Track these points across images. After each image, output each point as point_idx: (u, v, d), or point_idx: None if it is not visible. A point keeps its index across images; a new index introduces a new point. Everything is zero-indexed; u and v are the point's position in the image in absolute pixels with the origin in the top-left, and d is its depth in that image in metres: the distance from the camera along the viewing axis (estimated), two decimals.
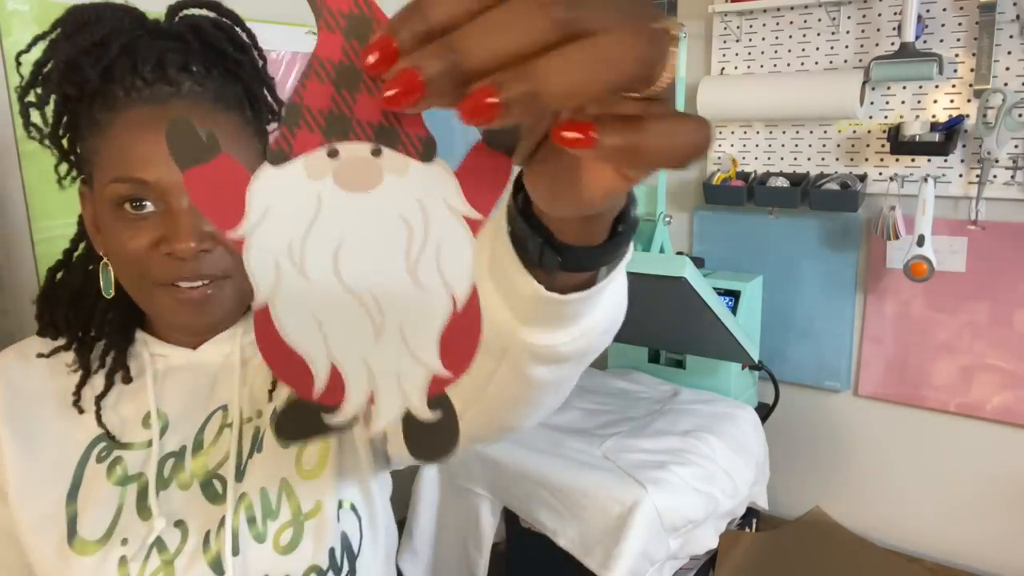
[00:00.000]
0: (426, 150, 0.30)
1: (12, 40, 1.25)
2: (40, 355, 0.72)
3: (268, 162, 0.29)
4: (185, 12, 0.69)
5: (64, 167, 0.71)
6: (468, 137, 0.34)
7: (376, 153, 0.29)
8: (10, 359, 0.73)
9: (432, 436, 0.32)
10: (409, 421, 0.31)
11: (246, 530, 0.67)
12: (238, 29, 0.70)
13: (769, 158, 1.83)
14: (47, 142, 0.68)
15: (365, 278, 0.30)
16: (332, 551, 0.69)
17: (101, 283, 0.69)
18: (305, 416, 0.31)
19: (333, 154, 0.29)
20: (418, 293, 0.30)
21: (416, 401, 0.31)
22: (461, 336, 0.31)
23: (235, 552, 0.66)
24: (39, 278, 1.31)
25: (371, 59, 0.26)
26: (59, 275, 0.75)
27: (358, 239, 0.29)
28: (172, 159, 0.28)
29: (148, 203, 0.63)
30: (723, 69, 1.85)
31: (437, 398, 0.31)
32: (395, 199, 0.29)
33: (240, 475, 0.68)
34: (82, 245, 0.75)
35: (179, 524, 0.67)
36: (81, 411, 0.70)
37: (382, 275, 0.30)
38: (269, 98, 0.74)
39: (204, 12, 0.69)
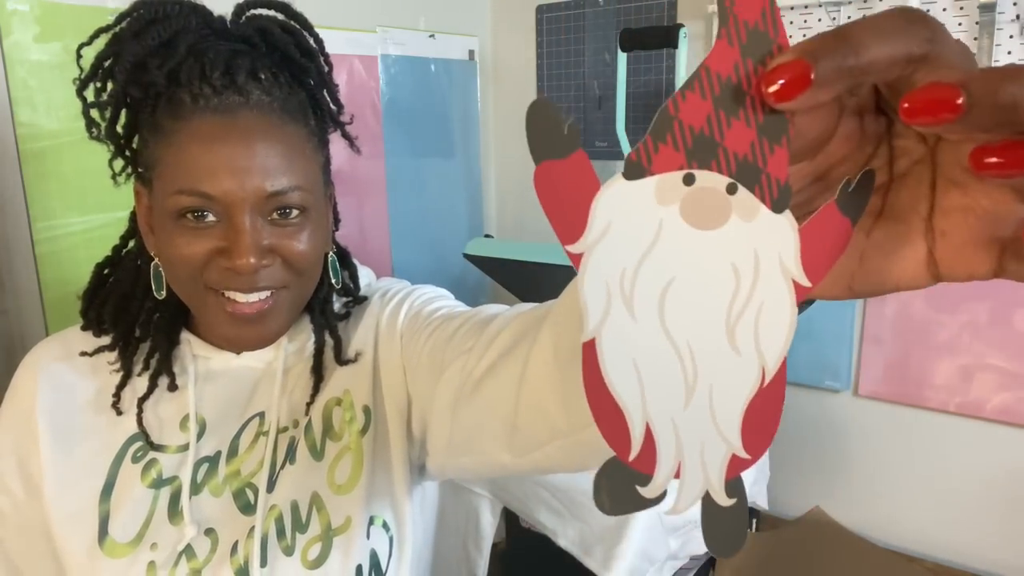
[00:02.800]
0: (781, 198, 0.27)
1: (12, 40, 1.24)
2: (83, 353, 0.70)
3: (623, 175, 0.26)
4: (252, 12, 0.67)
5: (120, 163, 0.69)
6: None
7: (731, 189, 0.26)
8: (54, 354, 0.72)
9: (726, 525, 0.29)
10: (706, 505, 0.28)
11: (275, 542, 0.66)
12: (306, 33, 0.69)
13: None
14: (104, 137, 0.67)
15: (686, 327, 0.27)
16: (360, 568, 0.68)
17: (152, 283, 0.68)
18: (620, 484, 0.28)
19: (689, 180, 0.26)
20: (732, 356, 0.27)
21: (715, 481, 0.28)
22: (763, 415, 0.28)
23: (263, 564, 0.65)
24: (39, 278, 1.31)
25: (776, 85, 0.24)
26: (107, 271, 0.74)
27: (687, 281, 0.27)
28: (529, 147, 0.25)
29: (210, 215, 0.62)
30: None
31: (733, 483, 0.28)
32: (733, 244, 0.27)
33: (271, 486, 0.68)
34: (132, 243, 0.73)
35: (209, 532, 0.66)
36: (120, 412, 0.69)
37: (702, 327, 0.27)
38: (333, 107, 0.71)
39: (272, 13, 0.67)
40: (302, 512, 0.67)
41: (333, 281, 0.73)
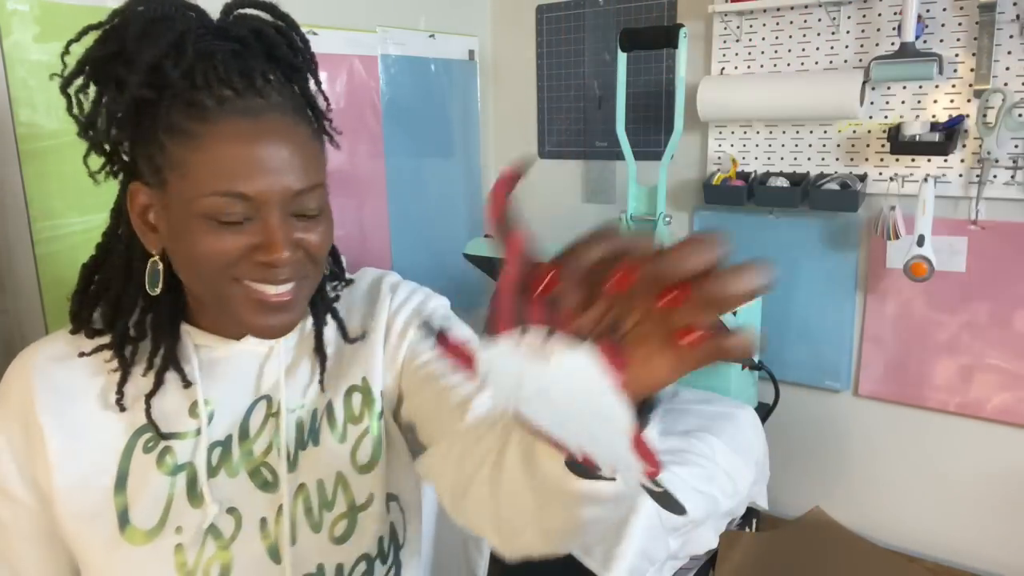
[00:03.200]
0: (576, 343, 0.39)
1: (12, 40, 1.24)
2: (82, 354, 0.70)
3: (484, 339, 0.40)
4: (240, 12, 0.68)
5: (98, 161, 0.69)
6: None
7: (549, 335, 0.38)
8: (47, 356, 0.71)
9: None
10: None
11: (303, 519, 0.70)
12: (295, 33, 0.69)
13: (769, 158, 1.83)
14: (99, 136, 0.67)
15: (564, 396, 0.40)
16: (381, 540, 0.74)
17: (147, 281, 0.69)
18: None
19: (524, 332, 0.38)
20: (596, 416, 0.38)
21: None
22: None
23: (293, 541, 0.69)
24: (39, 278, 1.31)
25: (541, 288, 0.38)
26: (95, 272, 0.73)
27: (545, 386, 0.39)
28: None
29: (242, 213, 0.63)
30: (723, 69, 1.85)
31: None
32: (563, 365, 0.38)
33: (292, 465, 0.71)
34: (117, 243, 0.72)
35: (232, 511, 0.69)
36: (123, 409, 0.69)
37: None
38: (323, 107, 0.73)
39: (260, 14, 0.68)
40: (328, 491, 0.71)
41: (327, 269, 0.77)
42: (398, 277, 0.85)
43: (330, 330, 0.77)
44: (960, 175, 1.59)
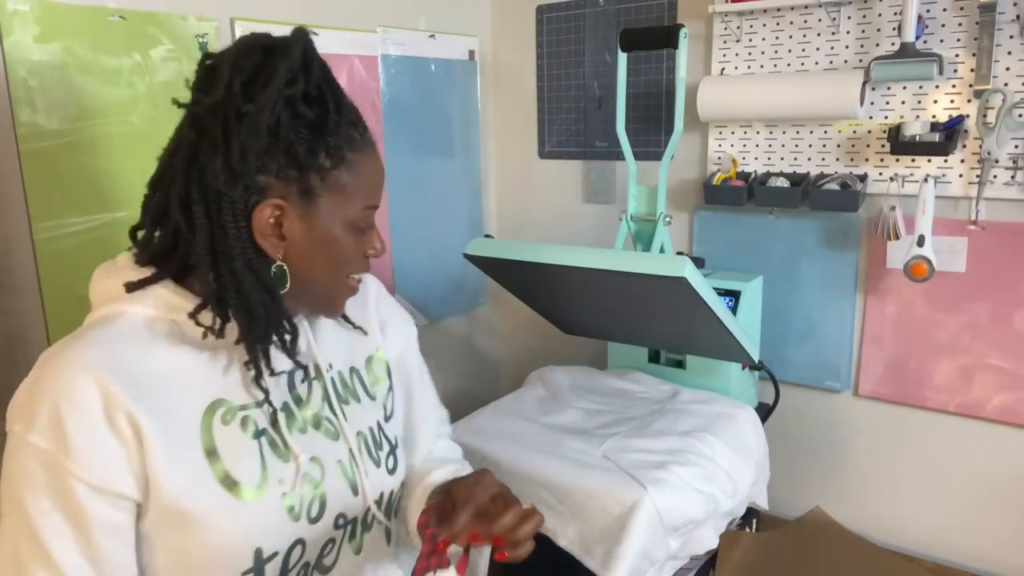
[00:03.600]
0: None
1: (12, 40, 1.25)
2: (209, 330, 0.78)
3: None
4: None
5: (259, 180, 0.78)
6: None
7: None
8: (112, 351, 0.74)
9: None
10: None
11: (368, 458, 0.90)
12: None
13: (769, 158, 1.83)
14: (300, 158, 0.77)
15: None
16: (412, 466, 1.01)
17: (277, 282, 0.80)
18: None
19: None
20: None
21: None
22: None
23: (365, 475, 0.89)
24: (39, 278, 1.31)
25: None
26: (238, 283, 0.79)
27: None
28: None
29: (371, 221, 0.84)
30: (723, 69, 1.85)
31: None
32: None
33: (344, 418, 0.89)
34: (241, 255, 0.78)
35: (315, 460, 0.85)
36: (264, 396, 0.81)
37: None
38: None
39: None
40: (376, 435, 0.92)
41: None
42: (378, 282, 1.04)
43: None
44: (960, 175, 1.59)
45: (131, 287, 0.78)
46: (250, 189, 0.75)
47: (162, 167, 0.80)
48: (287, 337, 0.82)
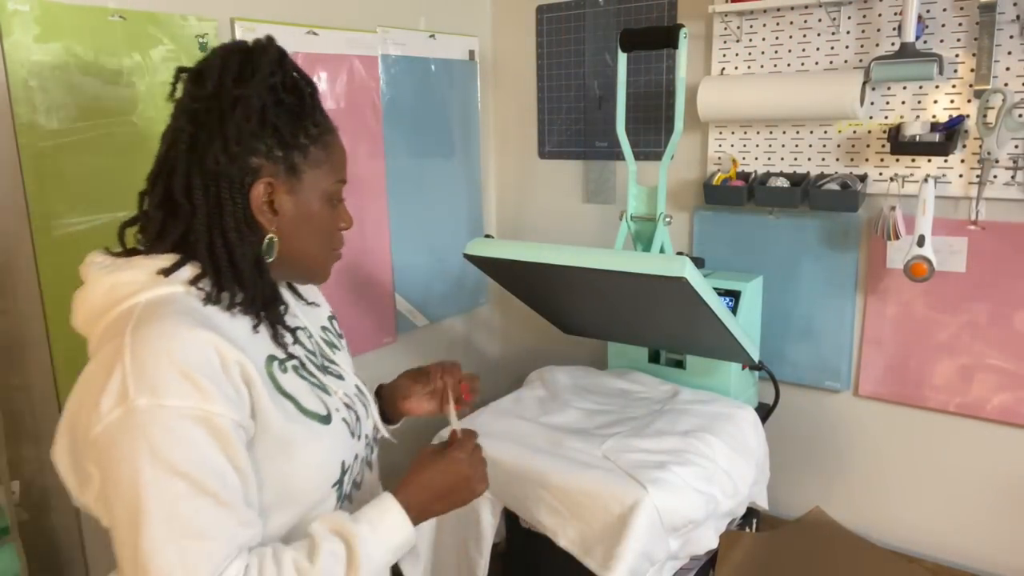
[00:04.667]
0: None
1: (12, 40, 1.25)
2: (233, 305, 0.89)
3: None
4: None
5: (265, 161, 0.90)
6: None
7: None
8: (197, 320, 0.83)
9: None
10: None
11: (367, 392, 1.08)
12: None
13: (769, 158, 1.83)
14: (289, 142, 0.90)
15: None
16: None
17: (265, 252, 0.91)
18: None
19: None
20: None
21: None
22: None
23: (370, 403, 1.08)
24: (39, 278, 1.31)
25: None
26: (249, 255, 0.91)
27: None
28: None
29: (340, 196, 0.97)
30: (723, 69, 1.85)
31: None
32: None
33: (335, 365, 1.04)
34: (235, 229, 0.89)
35: (345, 393, 1.01)
36: (286, 350, 0.93)
37: None
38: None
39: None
40: (358, 375, 1.08)
41: None
42: None
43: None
44: (960, 175, 1.59)
45: (166, 272, 0.86)
46: (244, 169, 0.86)
47: (159, 162, 0.90)
48: (278, 301, 0.95)
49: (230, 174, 0.86)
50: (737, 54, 1.82)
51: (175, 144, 0.88)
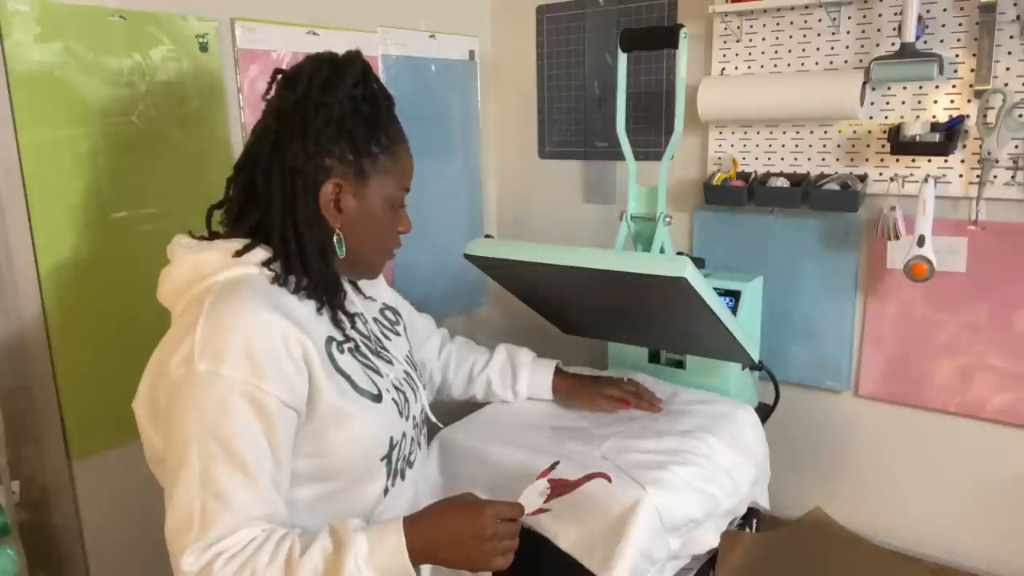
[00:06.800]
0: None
1: (12, 40, 1.25)
2: (300, 288, 0.99)
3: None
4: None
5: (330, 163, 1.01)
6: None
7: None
8: (269, 304, 0.92)
9: None
10: None
11: (416, 378, 1.17)
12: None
13: (769, 158, 1.83)
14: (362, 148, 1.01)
15: None
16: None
17: (337, 248, 1.02)
18: None
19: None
20: None
21: None
22: None
23: (418, 387, 1.16)
24: (39, 278, 1.31)
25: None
26: (307, 247, 1.00)
27: None
28: None
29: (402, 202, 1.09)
30: (723, 69, 1.85)
31: None
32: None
33: (388, 351, 1.12)
34: (305, 220, 0.99)
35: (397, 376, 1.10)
36: (344, 332, 1.04)
37: None
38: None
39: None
40: (411, 361, 1.18)
41: None
42: None
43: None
44: (960, 175, 1.59)
45: (239, 253, 0.96)
46: (319, 168, 0.97)
47: (246, 152, 1.01)
48: (340, 289, 1.04)
49: (305, 171, 0.96)
50: (737, 54, 1.82)
51: (262, 139, 0.98)
